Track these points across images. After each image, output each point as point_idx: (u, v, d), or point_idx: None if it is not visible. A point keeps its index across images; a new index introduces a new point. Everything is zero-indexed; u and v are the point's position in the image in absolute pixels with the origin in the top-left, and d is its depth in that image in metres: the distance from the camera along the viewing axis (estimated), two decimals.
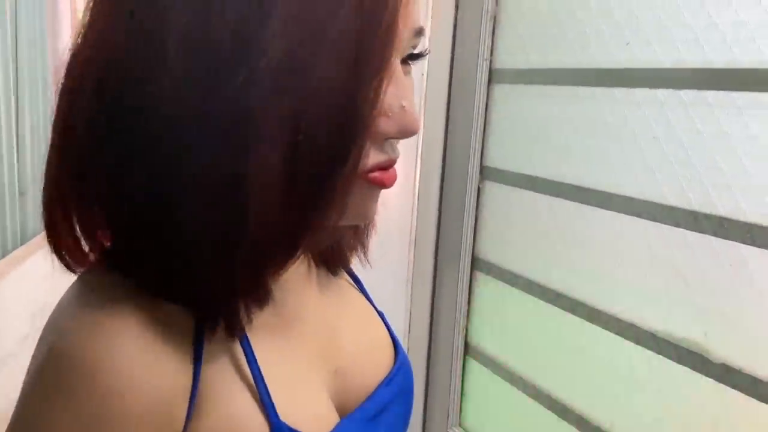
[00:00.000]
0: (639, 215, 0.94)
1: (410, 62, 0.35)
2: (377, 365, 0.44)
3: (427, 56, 0.37)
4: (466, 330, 1.37)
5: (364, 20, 0.29)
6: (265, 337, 0.36)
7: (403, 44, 0.32)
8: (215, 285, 0.32)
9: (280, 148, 0.29)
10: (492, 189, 1.28)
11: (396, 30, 0.30)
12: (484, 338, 1.33)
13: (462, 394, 1.39)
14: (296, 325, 0.39)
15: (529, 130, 1.17)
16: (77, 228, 0.34)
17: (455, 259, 1.35)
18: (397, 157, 0.34)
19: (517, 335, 1.24)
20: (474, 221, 1.31)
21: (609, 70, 0.98)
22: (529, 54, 1.15)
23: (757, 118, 0.77)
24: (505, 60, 1.22)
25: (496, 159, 1.26)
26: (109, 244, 0.34)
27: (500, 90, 1.24)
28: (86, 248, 0.34)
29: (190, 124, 0.29)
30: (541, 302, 1.15)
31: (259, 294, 0.33)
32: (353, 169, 0.31)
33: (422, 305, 1.43)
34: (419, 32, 0.34)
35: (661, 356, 0.91)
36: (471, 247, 1.33)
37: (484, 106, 1.26)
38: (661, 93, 0.89)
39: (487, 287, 1.31)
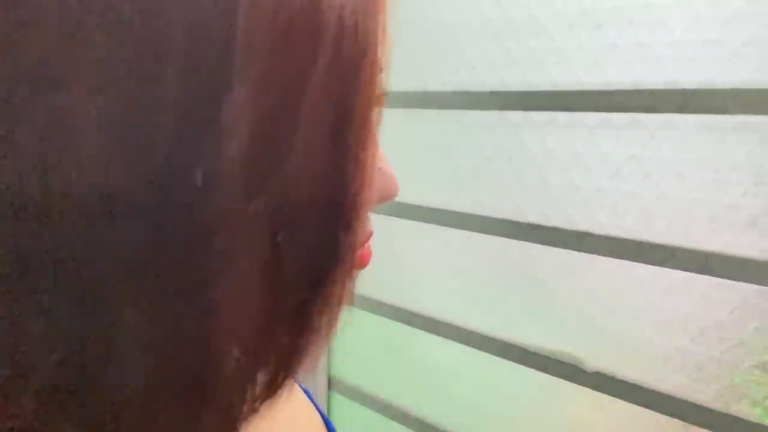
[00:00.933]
0: (501, 234, 0.95)
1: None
2: None
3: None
4: (329, 364, 1.31)
5: (344, 73, 0.23)
6: None
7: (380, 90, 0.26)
8: None
9: (258, 258, 0.22)
10: None
11: (378, 74, 0.24)
12: (348, 370, 1.29)
13: None
14: None
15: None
16: None
17: None
18: (373, 228, 0.29)
19: (382, 362, 1.21)
20: None
21: (456, 92, 0.99)
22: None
23: (607, 137, 0.81)
24: None
25: None
26: None
27: None
28: None
29: (132, 252, 0.20)
30: (407, 327, 1.13)
31: None
32: (351, 262, 0.25)
33: None
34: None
35: (534, 370, 0.93)
36: None
37: None
38: (512, 115, 0.91)
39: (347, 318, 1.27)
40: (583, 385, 0.87)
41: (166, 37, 0.19)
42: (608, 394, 0.84)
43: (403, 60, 1.06)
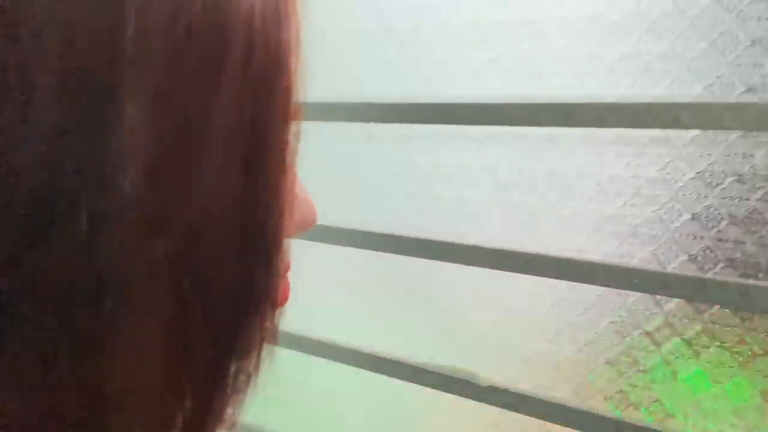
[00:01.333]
0: (387, 250, 0.93)
1: None
2: None
3: None
4: None
5: (256, 87, 0.20)
6: None
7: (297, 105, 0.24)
8: None
9: (159, 314, 0.18)
10: None
11: (295, 87, 0.22)
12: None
13: None
14: None
15: None
16: None
17: None
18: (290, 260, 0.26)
19: (264, 390, 1.15)
20: None
21: (338, 104, 0.96)
22: None
23: (493, 150, 0.81)
24: None
25: None
26: None
27: None
28: None
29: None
30: (291, 351, 1.07)
31: None
32: (272, 303, 0.22)
33: None
34: None
35: (429, 389, 0.91)
36: None
37: None
38: (396, 127, 0.90)
39: None
40: (478, 400, 0.86)
41: (36, 46, 0.15)
42: (501, 406, 0.84)
43: None
